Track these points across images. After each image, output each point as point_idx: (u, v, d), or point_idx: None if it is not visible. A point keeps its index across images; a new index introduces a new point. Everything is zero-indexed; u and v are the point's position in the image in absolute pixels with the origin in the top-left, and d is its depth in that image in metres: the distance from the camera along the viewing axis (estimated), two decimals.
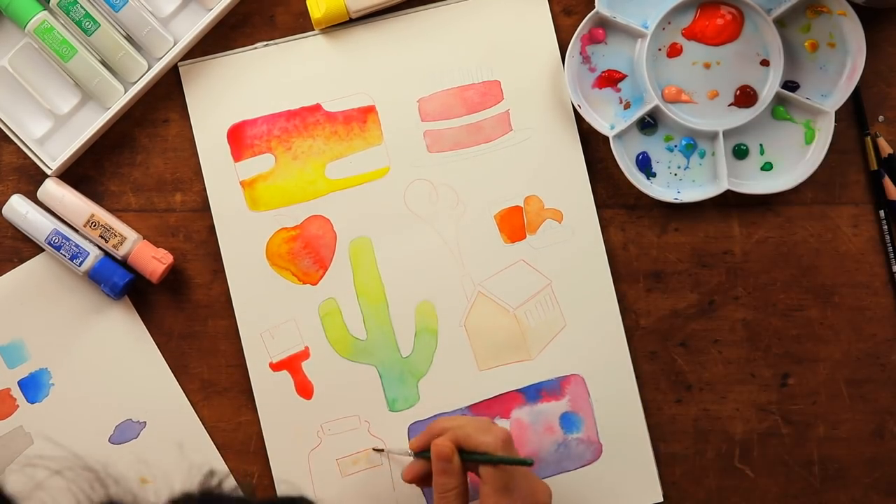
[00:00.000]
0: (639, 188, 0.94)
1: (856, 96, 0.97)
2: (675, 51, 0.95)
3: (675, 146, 0.96)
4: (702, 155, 0.96)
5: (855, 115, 0.97)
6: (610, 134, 0.95)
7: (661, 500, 0.97)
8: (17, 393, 0.97)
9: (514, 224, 0.97)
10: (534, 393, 0.97)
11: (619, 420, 0.97)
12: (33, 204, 0.95)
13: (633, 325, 0.97)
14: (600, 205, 0.97)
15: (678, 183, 0.96)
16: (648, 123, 0.96)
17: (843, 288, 0.98)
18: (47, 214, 0.95)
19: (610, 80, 0.96)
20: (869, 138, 0.97)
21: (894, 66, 0.98)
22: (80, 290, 0.97)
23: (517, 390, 0.97)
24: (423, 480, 0.90)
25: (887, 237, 0.97)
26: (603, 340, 0.97)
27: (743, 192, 0.95)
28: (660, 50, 0.95)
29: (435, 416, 0.97)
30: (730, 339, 0.97)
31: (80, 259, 0.95)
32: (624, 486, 0.97)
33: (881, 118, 0.97)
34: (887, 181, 0.96)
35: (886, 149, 0.97)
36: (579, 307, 0.97)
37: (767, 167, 0.96)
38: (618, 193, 0.97)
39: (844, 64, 0.95)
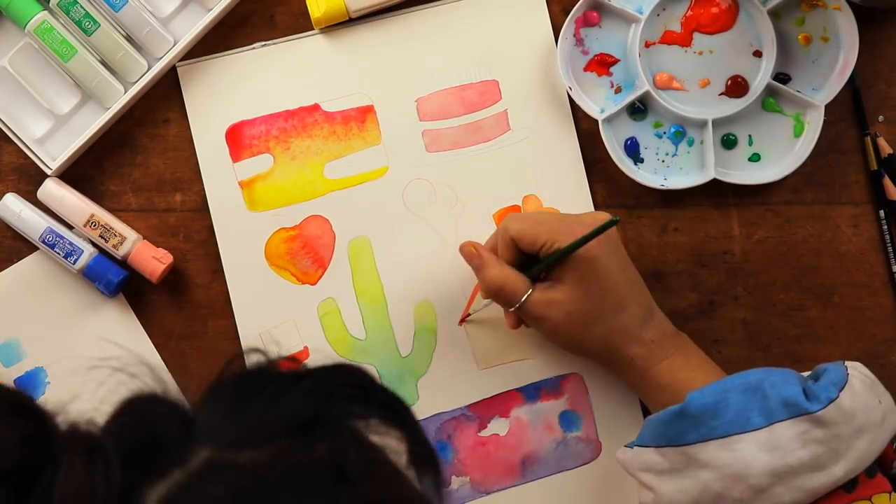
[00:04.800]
0: (626, 173, 0.94)
1: (856, 96, 0.96)
2: (668, 38, 0.96)
3: (664, 133, 0.96)
4: (690, 143, 0.95)
5: (855, 115, 0.97)
6: (599, 117, 0.94)
7: None
8: None
9: None
10: (533, 392, 0.97)
11: (619, 418, 0.96)
12: (27, 202, 0.96)
13: None
14: (599, 204, 0.97)
15: (665, 170, 0.96)
16: (638, 109, 0.96)
17: (843, 288, 0.97)
18: (41, 213, 0.96)
19: (602, 63, 0.96)
20: (869, 138, 0.96)
21: (894, 66, 0.97)
22: (75, 288, 0.97)
23: (516, 389, 0.97)
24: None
25: (887, 237, 0.96)
26: None
27: (729, 181, 0.95)
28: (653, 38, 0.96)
29: (434, 415, 0.97)
30: (730, 339, 0.97)
31: (75, 257, 0.95)
32: (623, 484, 0.96)
33: (881, 118, 0.97)
34: (887, 181, 0.96)
35: (886, 149, 0.97)
36: None
37: (755, 158, 0.96)
38: (617, 193, 0.97)
39: (837, 59, 0.94)
